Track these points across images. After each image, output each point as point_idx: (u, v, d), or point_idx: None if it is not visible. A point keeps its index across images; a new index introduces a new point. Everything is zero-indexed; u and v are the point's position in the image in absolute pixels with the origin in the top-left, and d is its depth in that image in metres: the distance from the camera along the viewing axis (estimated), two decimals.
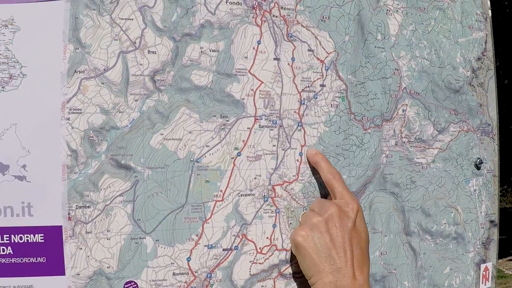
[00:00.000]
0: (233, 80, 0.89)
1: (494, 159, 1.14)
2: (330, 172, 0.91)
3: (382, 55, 1.01)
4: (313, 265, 0.84)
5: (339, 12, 0.98)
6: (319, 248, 0.84)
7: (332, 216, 0.86)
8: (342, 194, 0.89)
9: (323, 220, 0.86)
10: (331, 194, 0.92)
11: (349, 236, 0.86)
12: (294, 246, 0.88)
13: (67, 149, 0.79)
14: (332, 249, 0.84)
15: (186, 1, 0.86)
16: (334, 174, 0.91)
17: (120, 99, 0.82)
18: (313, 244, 0.85)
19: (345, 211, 0.87)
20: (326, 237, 0.85)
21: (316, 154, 0.94)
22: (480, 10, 1.15)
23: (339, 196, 0.89)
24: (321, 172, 0.92)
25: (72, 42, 0.80)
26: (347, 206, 0.88)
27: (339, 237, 0.85)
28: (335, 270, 0.83)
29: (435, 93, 1.07)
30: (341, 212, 0.87)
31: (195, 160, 0.85)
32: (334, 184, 0.90)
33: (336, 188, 0.90)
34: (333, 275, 0.83)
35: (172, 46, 0.85)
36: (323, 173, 0.92)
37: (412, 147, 1.03)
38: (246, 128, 0.89)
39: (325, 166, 0.92)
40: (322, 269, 0.83)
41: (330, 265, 0.83)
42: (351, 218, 0.87)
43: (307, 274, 0.86)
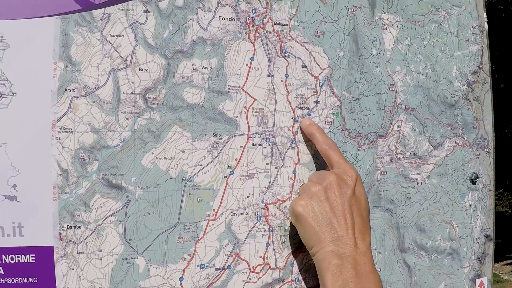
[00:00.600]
0: (225, 97, 0.87)
1: (489, 174, 1.14)
2: (326, 142, 0.90)
3: (377, 70, 1.00)
4: (314, 234, 0.83)
5: (333, 27, 0.97)
6: (319, 217, 0.83)
7: (331, 184, 0.85)
8: (339, 163, 0.88)
9: (322, 189, 0.85)
10: (328, 165, 0.90)
11: (349, 204, 0.84)
12: (293, 216, 0.87)
13: (57, 168, 0.77)
14: (333, 217, 0.83)
15: (178, 17, 0.85)
16: (330, 144, 0.90)
17: (111, 118, 0.81)
18: (312, 213, 0.84)
19: (343, 179, 0.86)
20: (326, 205, 0.84)
21: (311, 124, 0.93)
22: (476, 23, 1.14)
23: (336, 165, 0.88)
24: (316, 143, 0.91)
25: (63, 60, 0.78)
26: (345, 174, 0.86)
27: (339, 205, 0.84)
28: (336, 238, 0.82)
29: (431, 108, 1.06)
30: (340, 180, 0.85)
31: (187, 179, 0.84)
32: (331, 154, 0.89)
33: (333, 158, 0.89)
34: (334, 244, 0.82)
35: (164, 63, 0.84)
36: (319, 144, 0.90)
37: (407, 163, 1.02)
38: (239, 147, 0.88)
39: (321, 136, 0.91)
40: (323, 238, 0.82)
41: (331, 234, 0.82)
42: (350, 186, 0.85)
43: (308, 244, 0.85)
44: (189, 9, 0.86)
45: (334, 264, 0.80)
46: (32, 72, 0.78)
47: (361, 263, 0.81)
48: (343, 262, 0.80)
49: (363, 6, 1.01)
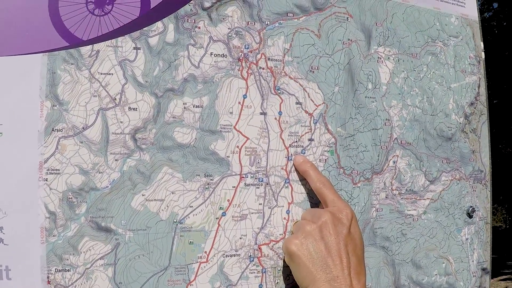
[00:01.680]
0: (217, 137, 0.85)
1: (486, 206, 1.12)
2: (320, 180, 0.88)
3: (373, 105, 0.98)
4: (308, 274, 0.81)
5: (328, 62, 0.95)
6: (314, 257, 0.81)
7: (326, 223, 0.83)
8: (334, 201, 0.86)
9: (317, 227, 0.83)
10: (323, 203, 0.88)
11: (344, 243, 0.82)
12: (287, 255, 0.84)
13: (45, 211, 0.75)
14: (328, 257, 0.81)
15: (168, 54, 0.83)
16: (324, 182, 0.88)
17: (99, 159, 0.78)
18: (307, 252, 0.81)
19: (339, 218, 0.84)
20: (321, 245, 0.81)
21: (304, 162, 0.91)
22: (473, 53, 1.13)
23: (331, 203, 0.86)
24: (310, 181, 0.89)
25: (50, 99, 0.76)
26: (340, 213, 0.84)
27: (334, 245, 0.81)
28: (331, 278, 0.79)
29: (427, 142, 1.04)
30: (335, 218, 0.83)
31: (178, 221, 0.82)
32: (325, 192, 0.87)
33: (328, 196, 0.87)
34: (329, 284, 0.79)
35: (154, 102, 0.82)
36: (313, 182, 0.89)
37: (403, 199, 1.00)
38: (231, 187, 0.86)
39: (314, 174, 0.89)
40: (318, 278, 0.80)
41: (326, 274, 0.80)
42: (345, 225, 0.83)
43: (302, 284, 0.82)
44: (180, 46, 0.84)
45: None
46: (18, 111, 0.75)
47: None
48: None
49: (358, 39, 0.99)
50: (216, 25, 0.87)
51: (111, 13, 0.81)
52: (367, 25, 1.00)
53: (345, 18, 0.98)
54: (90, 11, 0.80)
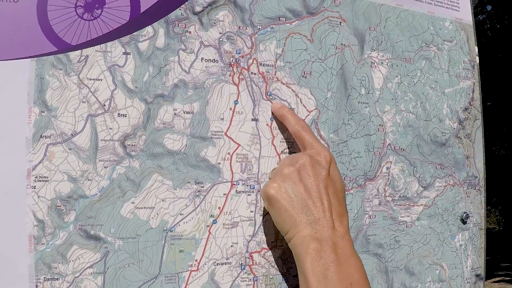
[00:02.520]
0: (208, 143, 0.84)
1: (480, 212, 1.11)
2: (298, 123, 0.86)
3: (366, 111, 0.97)
4: (289, 218, 0.79)
5: (321, 67, 0.94)
6: (294, 199, 0.79)
7: (304, 165, 0.81)
8: (312, 144, 0.84)
9: (295, 170, 0.81)
10: (301, 146, 0.87)
11: (324, 185, 0.80)
12: (266, 201, 0.82)
13: (33, 219, 0.74)
14: (308, 199, 0.79)
15: (158, 59, 0.82)
16: (302, 125, 0.86)
17: (88, 166, 0.77)
18: (286, 195, 0.80)
19: (317, 160, 0.82)
20: (300, 187, 0.80)
21: (282, 107, 0.89)
22: (467, 57, 1.12)
23: (309, 146, 0.84)
24: (288, 125, 0.87)
25: (38, 105, 0.75)
26: (318, 155, 0.82)
27: (313, 186, 0.80)
28: (313, 221, 0.78)
29: (421, 148, 1.03)
30: (314, 161, 0.82)
31: (169, 229, 0.81)
32: (303, 135, 0.85)
33: (306, 139, 0.85)
34: (311, 227, 0.77)
35: (143, 108, 0.80)
36: (291, 126, 0.87)
37: (396, 205, 0.99)
38: (222, 194, 0.85)
39: (292, 118, 0.87)
40: (299, 221, 0.78)
41: (307, 216, 0.78)
42: (324, 167, 0.82)
43: (283, 229, 0.81)
44: (170, 51, 0.83)
45: (313, 249, 0.76)
46: (6, 117, 0.74)
47: (341, 247, 0.77)
48: (322, 246, 0.76)
49: (351, 44, 0.98)
50: (207, 29, 0.86)
51: (100, 18, 0.79)
52: (360, 30, 0.99)
53: (338, 23, 0.97)
54: (79, 16, 0.78)
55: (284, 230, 0.80)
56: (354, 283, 0.75)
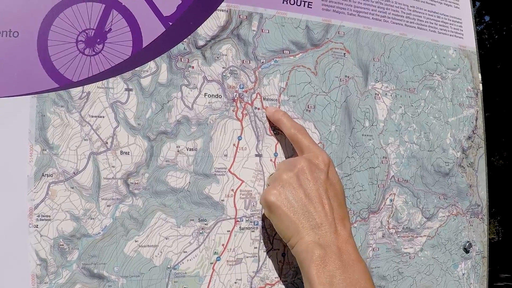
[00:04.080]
0: (212, 180, 0.83)
1: (483, 240, 1.10)
2: (294, 127, 0.85)
3: (370, 143, 0.96)
4: (291, 224, 0.78)
5: (325, 100, 0.93)
6: (295, 205, 0.78)
7: (302, 170, 0.80)
8: (310, 147, 0.83)
9: (294, 175, 0.80)
10: (298, 150, 0.85)
11: (324, 189, 0.79)
12: (267, 208, 0.81)
13: (36, 258, 0.73)
14: (309, 204, 0.78)
15: (161, 95, 0.81)
16: (299, 128, 0.85)
17: (91, 205, 0.76)
18: (287, 201, 0.78)
19: (315, 163, 0.81)
20: (300, 192, 0.78)
21: (277, 111, 0.88)
22: (471, 85, 1.11)
23: (307, 150, 0.83)
24: (284, 128, 0.86)
25: (39, 143, 0.74)
26: (316, 159, 0.81)
27: (313, 191, 0.79)
28: (315, 226, 0.77)
29: (424, 178, 1.03)
30: (312, 164, 0.81)
31: (172, 267, 0.80)
32: (300, 138, 0.84)
33: (303, 142, 0.84)
34: (314, 232, 0.76)
35: (146, 145, 0.80)
36: (287, 129, 0.86)
37: (399, 237, 0.99)
38: (226, 231, 0.84)
39: (288, 122, 0.86)
40: (301, 227, 0.77)
41: (309, 222, 0.77)
42: (323, 170, 0.81)
43: (285, 236, 0.79)
44: (173, 86, 0.82)
45: (318, 255, 0.74)
46: (7, 155, 0.73)
47: (345, 252, 0.76)
48: (326, 252, 0.75)
49: (355, 76, 0.97)
50: (210, 64, 0.85)
51: (102, 53, 0.79)
52: (364, 61, 0.98)
53: (342, 54, 0.96)
54: (80, 51, 0.78)
55: (286, 237, 0.79)
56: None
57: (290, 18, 0.92)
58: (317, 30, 0.94)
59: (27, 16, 0.75)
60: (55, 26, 0.76)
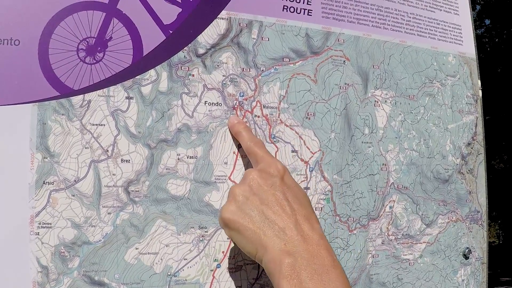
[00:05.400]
0: (212, 188, 0.84)
1: (482, 246, 1.10)
2: (251, 140, 0.82)
3: (369, 151, 0.97)
4: (253, 235, 0.71)
5: (325, 108, 0.93)
6: (252, 214, 0.72)
7: (254, 179, 0.76)
8: (263, 157, 0.79)
9: (246, 186, 0.75)
10: (254, 163, 0.81)
11: (281, 191, 0.74)
12: (225, 227, 0.76)
13: (37, 265, 0.73)
14: (266, 209, 0.72)
15: (162, 104, 0.81)
16: (255, 141, 0.82)
17: (92, 212, 0.77)
18: (243, 213, 0.73)
19: (268, 172, 0.76)
20: (255, 200, 0.73)
21: (239, 123, 0.85)
22: (470, 92, 1.12)
23: (261, 160, 0.79)
24: (241, 141, 0.84)
25: (40, 151, 0.74)
26: (269, 167, 0.77)
27: (269, 196, 0.73)
28: (279, 231, 0.70)
29: (424, 185, 1.03)
30: (264, 173, 0.76)
31: (173, 274, 0.80)
32: (256, 150, 0.80)
33: (258, 154, 0.80)
34: (278, 239, 0.70)
35: (147, 153, 0.80)
36: (244, 142, 0.83)
37: (399, 244, 0.99)
38: (226, 239, 0.84)
39: (247, 135, 0.83)
40: (264, 236, 0.70)
41: (271, 229, 0.71)
42: (276, 176, 0.76)
43: (251, 251, 0.72)
44: (173, 94, 0.83)
45: (287, 265, 0.67)
46: (8, 163, 0.73)
47: (318, 256, 0.69)
48: (296, 259, 0.67)
49: (355, 83, 0.97)
50: (210, 72, 0.85)
51: (102, 61, 0.79)
52: (364, 68, 0.99)
53: (342, 62, 0.97)
54: (81, 59, 0.78)
55: (252, 253, 0.73)
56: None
57: (290, 26, 0.92)
58: (317, 38, 0.95)
59: (28, 24, 0.75)
60: (56, 34, 0.77)
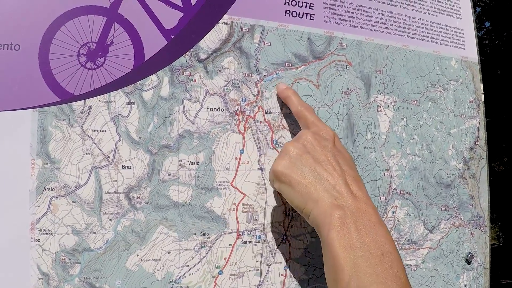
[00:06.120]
0: (214, 194, 0.83)
1: (485, 251, 1.10)
2: (301, 104, 0.85)
3: (372, 156, 0.96)
4: (303, 189, 0.75)
5: (327, 113, 0.93)
6: (304, 170, 0.76)
7: (308, 140, 0.79)
8: (314, 123, 0.83)
9: (300, 145, 0.79)
10: (303, 126, 0.85)
11: (332, 154, 0.78)
12: (275, 179, 0.79)
13: (38, 272, 0.73)
14: (319, 167, 0.76)
15: (163, 109, 0.81)
16: (305, 106, 0.85)
17: (93, 219, 0.76)
18: (296, 168, 0.76)
19: (321, 135, 0.80)
20: (309, 158, 0.77)
21: (287, 88, 0.88)
22: (473, 96, 1.11)
23: (312, 125, 0.83)
24: (291, 106, 0.86)
25: (41, 157, 0.74)
26: (321, 132, 0.81)
27: (321, 155, 0.77)
28: (330, 187, 0.74)
29: (426, 190, 1.02)
30: (317, 135, 0.80)
31: (174, 280, 0.80)
32: (306, 114, 0.84)
33: (308, 118, 0.83)
34: (329, 194, 0.73)
35: (148, 159, 0.79)
36: (294, 106, 0.86)
37: (401, 249, 0.98)
38: (228, 245, 0.84)
39: (296, 99, 0.86)
40: (315, 191, 0.74)
41: (322, 185, 0.74)
42: (328, 140, 0.80)
43: (299, 205, 0.76)
44: (175, 100, 0.82)
45: (337, 217, 0.70)
46: (9, 170, 0.73)
47: (365, 213, 0.72)
48: (345, 213, 0.70)
49: (358, 88, 0.97)
50: (212, 77, 0.85)
51: (103, 66, 0.78)
52: (366, 73, 0.98)
53: (345, 66, 0.96)
54: (82, 64, 0.77)
55: (300, 206, 0.76)
56: (385, 252, 0.69)
57: (292, 31, 0.92)
58: (319, 43, 0.94)
59: (29, 29, 0.75)
60: (56, 39, 0.76)
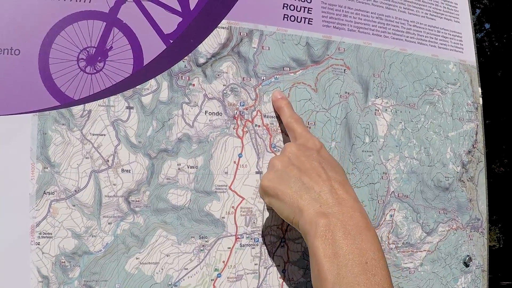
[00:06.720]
0: (212, 198, 0.84)
1: (483, 254, 1.10)
2: (292, 116, 0.86)
3: (370, 159, 0.97)
4: (290, 200, 0.75)
5: (325, 117, 0.93)
6: (290, 181, 0.76)
7: (292, 152, 0.80)
8: (302, 134, 0.83)
9: (285, 157, 0.80)
10: (292, 138, 0.86)
11: (317, 162, 0.78)
12: (264, 194, 0.80)
13: (37, 275, 0.73)
14: (303, 176, 0.76)
15: (162, 113, 0.81)
16: (295, 118, 0.86)
17: (92, 222, 0.76)
18: (282, 180, 0.77)
19: (305, 146, 0.81)
20: (293, 169, 0.77)
21: (282, 99, 0.89)
22: (471, 99, 1.12)
23: (299, 136, 0.83)
24: (282, 117, 0.87)
25: (41, 161, 0.74)
26: (307, 142, 0.82)
27: (307, 164, 0.78)
28: (315, 196, 0.74)
29: (424, 193, 1.03)
30: (302, 146, 0.81)
31: (173, 284, 0.80)
32: (295, 126, 0.85)
33: (296, 130, 0.84)
34: (315, 201, 0.73)
35: (147, 163, 0.80)
36: (285, 118, 0.86)
37: (399, 252, 0.99)
38: (226, 248, 0.84)
39: (288, 111, 0.87)
40: (301, 200, 0.74)
41: (308, 193, 0.74)
42: (313, 149, 0.81)
43: (289, 216, 0.76)
44: (174, 104, 0.83)
45: (322, 225, 0.70)
46: (9, 173, 0.73)
47: (352, 218, 0.71)
48: (330, 220, 0.70)
49: (356, 92, 0.97)
50: (211, 82, 0.85)
51: (103, 71, 0.79)
52: (364, 77, 0.99)
53: (343, 70, 0.97)
54: (81, 69, 0.78)
55: (289, 217, 0.76)
56: (370, 260, 0.68)
57: (291, 35, 0.93)
58: (318, 47, 0.95)
59: (28, 34, 0.75)
60: (56, 44, 0.77)
